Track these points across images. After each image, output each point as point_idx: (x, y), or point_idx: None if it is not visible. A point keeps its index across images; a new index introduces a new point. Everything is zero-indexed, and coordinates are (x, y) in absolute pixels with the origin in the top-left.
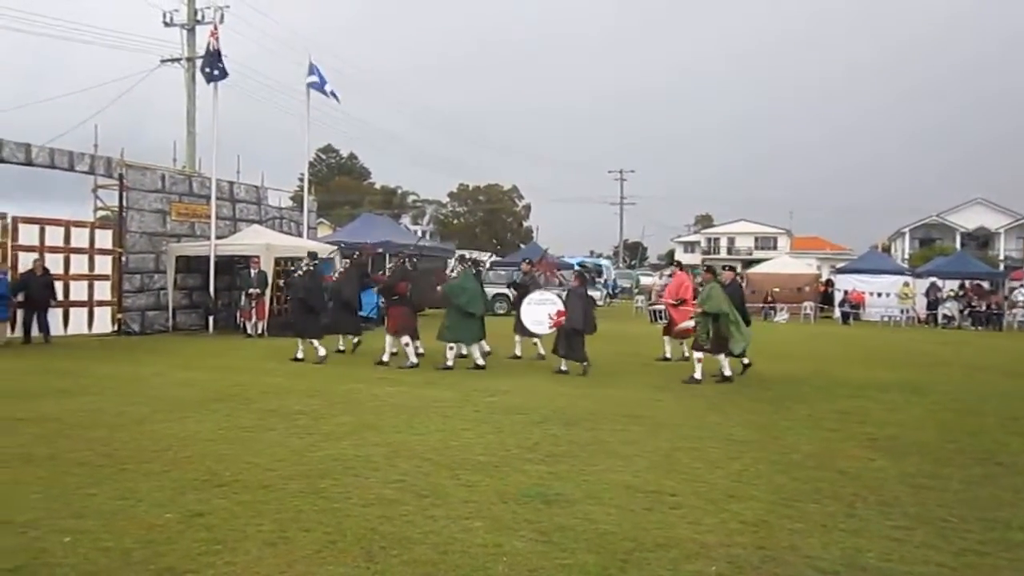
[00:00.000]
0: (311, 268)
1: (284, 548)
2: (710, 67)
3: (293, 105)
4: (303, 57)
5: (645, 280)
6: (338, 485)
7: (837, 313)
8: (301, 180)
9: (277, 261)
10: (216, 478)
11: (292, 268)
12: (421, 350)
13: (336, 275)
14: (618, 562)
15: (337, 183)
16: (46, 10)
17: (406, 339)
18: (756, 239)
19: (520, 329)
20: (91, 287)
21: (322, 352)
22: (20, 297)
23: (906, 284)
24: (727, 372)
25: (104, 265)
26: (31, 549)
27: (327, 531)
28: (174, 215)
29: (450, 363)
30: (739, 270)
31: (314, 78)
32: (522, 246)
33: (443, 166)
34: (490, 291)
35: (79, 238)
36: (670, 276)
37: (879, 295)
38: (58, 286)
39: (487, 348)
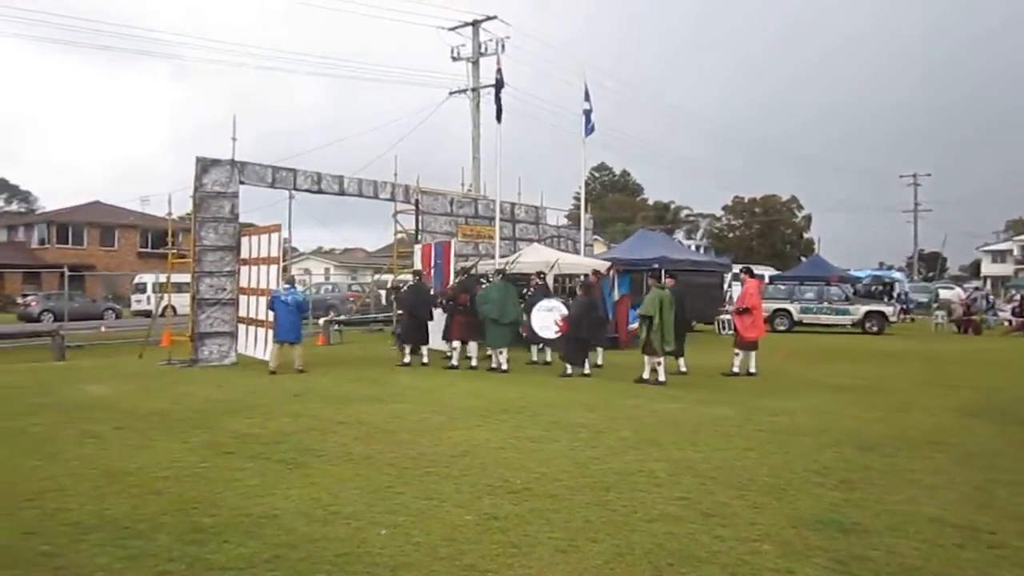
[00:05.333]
0: (415, 284)
1: (574, 556)
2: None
3: (568, 125)
4: (576, 78)
5: (945, 294)
6: (623, 498)
7: None
8: (576, 199)
9: (556, 278)
10: (508, 485)
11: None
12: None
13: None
14: None
15: (611, 200)
16: (356, 57)
17: (456, 344)
18: None
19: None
20: None
21: (407, 359)
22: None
23: None
24: (661, 377)
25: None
26: (354, 539)
27: (615, 543)
28: (460, 236)
29: (504, 366)
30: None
31: (587, 106)
32: (803, 259)
33: (717, 179)
34: (770, 306)
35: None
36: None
37: None
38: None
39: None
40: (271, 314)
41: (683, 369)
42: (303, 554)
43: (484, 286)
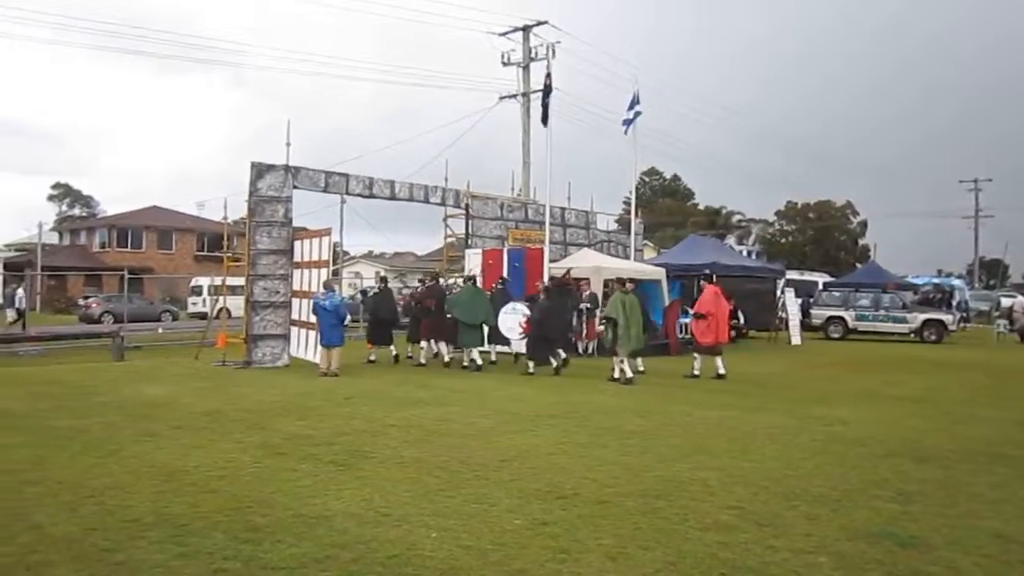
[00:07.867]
0: (382, 289)
1: (625, 564)
2: None
3: (618, 130)
4: (625, 82)
5: (1007, 302)
6: (674, 506)
7: None
8: (626, 203)
9: (605, 283)
10: (557, 490)
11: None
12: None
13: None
14: None
15: (661, 205)
16: (410, 63)
17: (429, 344)
18: None
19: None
20: None
21: (393, 353)
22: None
23: None
24: (629, 374)
25: None
26: (405, 541)
27: (666, 552)
28: (511, 240)
29: (478, 362)
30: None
31: (631, 114)
32: (858, 265)
33: (770, 184)
34: (824, 313)
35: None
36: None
37: None
38: None
39: (488, 355)
40: (313, 318)
41: (640, 368)
42: (354, 555)
43: (456, 290)
